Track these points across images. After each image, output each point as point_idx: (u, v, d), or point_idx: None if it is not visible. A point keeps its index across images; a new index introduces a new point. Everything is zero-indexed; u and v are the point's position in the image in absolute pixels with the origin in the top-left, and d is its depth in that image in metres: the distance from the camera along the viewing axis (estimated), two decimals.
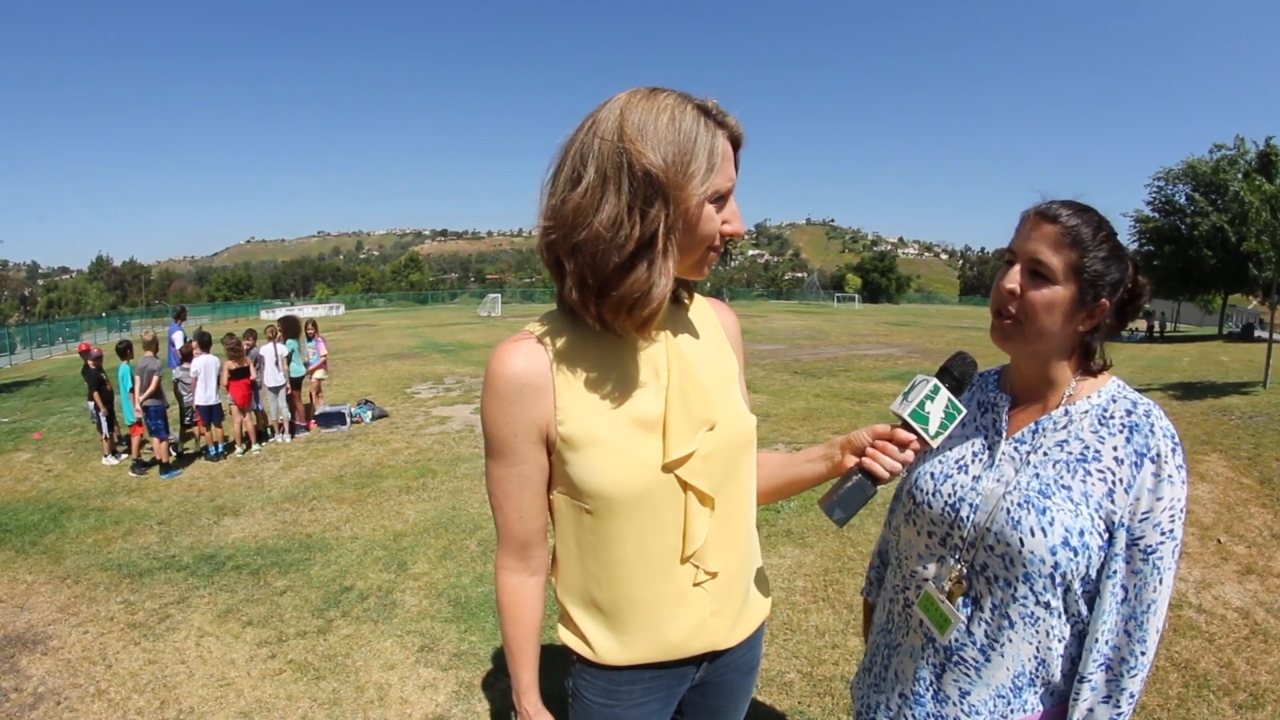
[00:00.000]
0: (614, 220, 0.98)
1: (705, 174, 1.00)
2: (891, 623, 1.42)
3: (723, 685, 1.32)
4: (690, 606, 1.19)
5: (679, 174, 0.98)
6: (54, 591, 4.76)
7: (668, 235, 1.00)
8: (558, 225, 1.03)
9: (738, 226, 1.10)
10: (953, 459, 1.34)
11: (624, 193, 0.98)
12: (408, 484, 6.90)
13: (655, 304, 1.03)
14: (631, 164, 0.97)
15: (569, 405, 1.09)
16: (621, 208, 0.98)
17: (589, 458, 1.09)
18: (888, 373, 14.80)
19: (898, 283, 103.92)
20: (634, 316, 1.04)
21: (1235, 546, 4.75)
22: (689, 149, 0.99)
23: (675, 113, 1.00)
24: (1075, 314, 1.18)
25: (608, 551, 1.14)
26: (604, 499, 1.10)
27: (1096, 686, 1.17)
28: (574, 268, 1.03)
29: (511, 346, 1.10)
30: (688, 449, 1.12)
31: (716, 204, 1.05)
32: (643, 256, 1.00)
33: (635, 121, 0.99)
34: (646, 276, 1.01)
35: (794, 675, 3.32)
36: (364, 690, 3.39)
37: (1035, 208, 1.20)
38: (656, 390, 1.13)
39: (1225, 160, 30.55)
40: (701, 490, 1.14)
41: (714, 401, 1.18)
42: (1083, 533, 1.13)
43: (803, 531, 5.16)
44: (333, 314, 52.11)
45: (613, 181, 0.98)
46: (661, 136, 0.98)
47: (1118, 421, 1.18)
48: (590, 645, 1.19)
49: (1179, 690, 3.17)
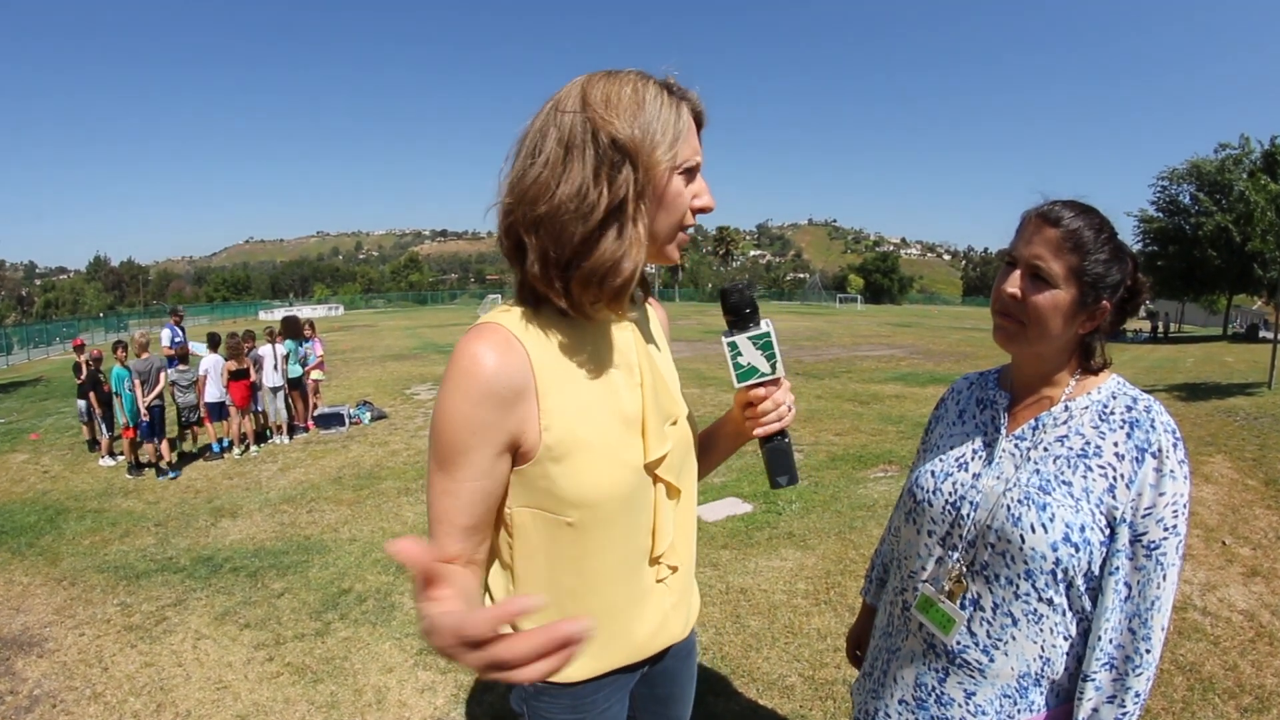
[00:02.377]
0: (580, 188, 0.94)
1: (671, 142, 0.99)
2: (891, 626, 1.41)
3: (666, 672, 1.30)
4: (654, 604, 1.17)
5: (645, 140, 0.96)
6: (50, 593, 4.75)
7: (638, 200, 0.97)
8: (517, 201, 0.98)
9: (708, 200, 1.07)
10: (953, 457, 1.34)
11: (589, 160, 0.95)
12: (406, 485, 6.88)
13: (627, 274, 0.98)
14: (597, 131, 0.95)
15: (554, 407, 1.00)
16: (588, 175, 0.94)
17: (577, 464, 1.01)
18: (890, 374, 14.78)
19: (900, 283, 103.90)
20: (605, 288, 0.98)
21: (1240, 548, 4.71)
22: (654, 117, 0.98)
23: (637, 85, 0.99)
24: (1076, 316, 1.17)
25: (587, 562, 1.07)
26: (592, 507, 1.03)
27: (1101, 686, 1.15)
28: (536, 243, 0.98)
29: (482, 342, 0.98)
30: (666, 447, 1.10)
31: (684, 176, 1.03)
32: (611, 223, 0.96)
33: (599, 92, 0.97)
34: (616, 244, 0.97)
35: (795, 679, 3.29)
36: (362, 693, 3.36)
37: (1036, 210, 1.19)
38: (632, 387, 1.11)
39: (1230, 160, 30.50)
40: (672, 484, 1.13)
41: (675, 397, 1.19)
42: (1083, 528, 1.12)
43: (804, 534, 5.13)
44: (332, 314, 52.20)
45: (577, 150, 0.95)
46: (625, 106, 0.97)
47: (1118, 417, 1.17)
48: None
49: (1184, 694, 3.14)
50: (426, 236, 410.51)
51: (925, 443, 1.49)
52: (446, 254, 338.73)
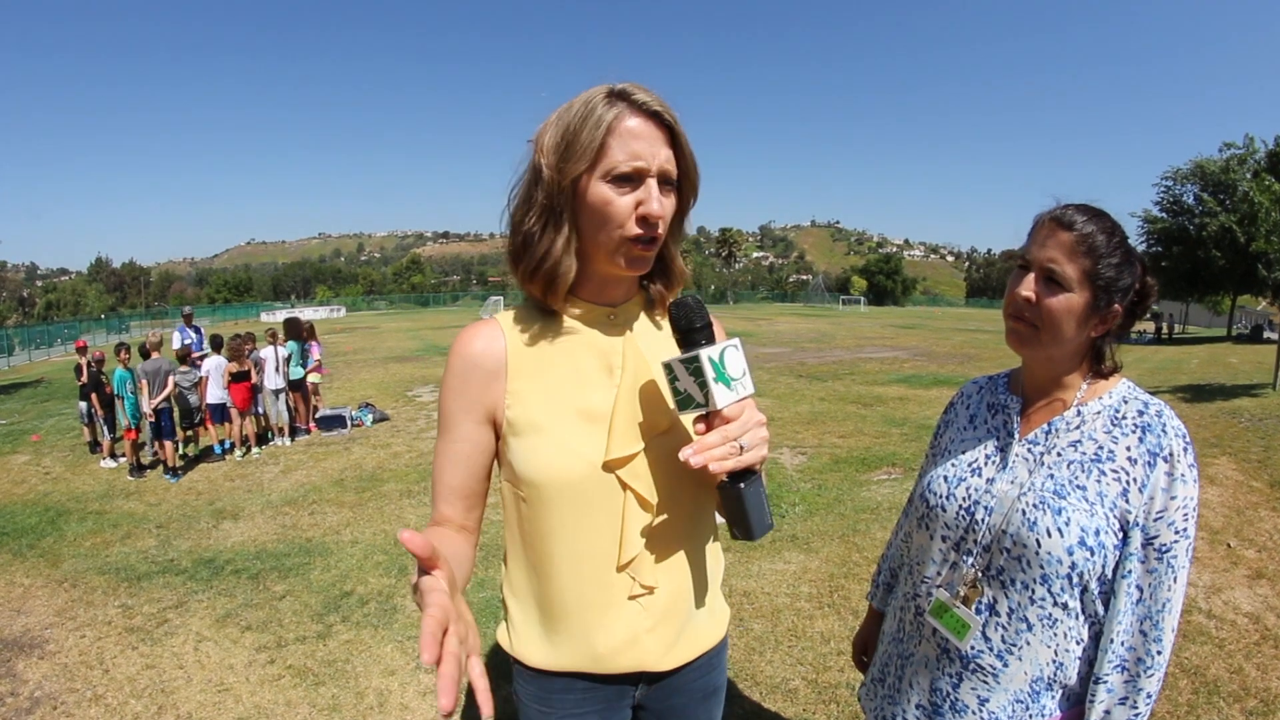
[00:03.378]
0: (522, 201, 1.12)
1: (592, 151, 1.02)
2: (903, 632, 1.40)
3: (675, 710, 1.27)
4: (622, 620, 1.15)
5: (557, 155, 1.04)
6: (51, 595, 4.74)
7: (549, 211, 1.08)
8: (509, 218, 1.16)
9: (650, 208, 1.03)
10: (965, 462, 1.34)
11: (525, 183, 1.11)
12: (409, 488, 6.87)
13: (548, 270, 1.10)
14: (532, 157, 1.09)
15: (518, 390, 1.13)
16: (525, 190, 1.11)
17: (528, 444, 1.12)
18: (894, 376, 14.76)
19: (903, 285, 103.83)
20: (536, 281, 1.12)
21: (1245, 551, 4.70)
22: (568, 128, 1.03)
23: (576, 101, 1.05)
24: (1089, 319, 1.18)
25: (541, 544, 1.14)
26: (536, 487, 1.11)
27: (1113, 688, 1.16)
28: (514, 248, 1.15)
29: (473, 330, 1.17)
30: (632, 449, 1.11)
31: (617, 184, 1.03)
32: (540, 230, 1.09)
33: (546, 122, 1.08)
34: (538, 245, 1.09)
35: (799, 683, 3.27)
36: (364, 696, 3.35)
37: (1050, 213, 1.20)
38: (608, 386, 1.14)
39: (1234, 160, 30.33)
40: (642, 495, 1.11)
41: (670, 408, 1.10)
42: (1098, 532, 1.13)
43: (808, 537, 5.12)
44: (334, 316, 52.22)
45: (525, 170, 1.12)
46: (551, 123, 1.07)
47: (1130, 422, 1.18)
48: (518, 643, 1.20)
49: (1189, 697, 3.12)
50: (429, 238, 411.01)
51: (935, 447, 1.48)
52: (449, 256, 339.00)
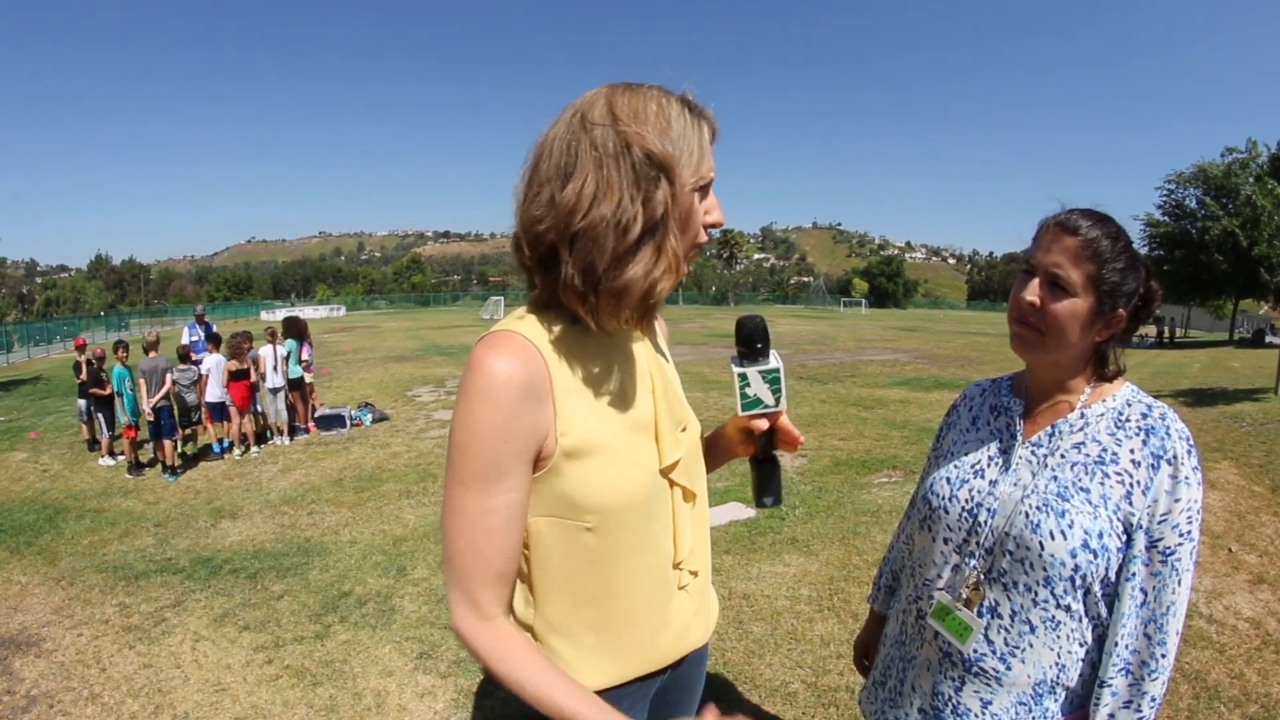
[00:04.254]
0: (618, 204, 0.93)
1: (696, 162, 1.00)
2: (905, 635, 1.40)
3: (681, 677, 1.29)
4: (677, 610, 1.16)
5: (675, 158, 0.97)
6: (49, 593, 4.73)
7: (670, 218, 0.97)
8: (553, 214, 0.95)
9: (718, 216, 1.08)
10: (968, 464, 1.33)
11: (625, 174, 0.93)
12: (408, 488, 6.86)
13: (660, 293, 0.99)
14: (630, 145, 0.94)
15: (570, 413, 0.99)
16: (625, 191, 0.93)
17: (593, 468, 1.00)
18: (894, 378, 14.75)
19: (905, 287, 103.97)
20: (640, 307, 1.01)
21: (1246, 555, 4.68)
22: (680, 135, 0.98)
23: (661, 102, 0.99)
24: (1093, 324, 1.18)
25: (609, 568, 1.05)
26: (609, 512, 1.02)
27: (1118, 691, 1.16)
28: (573, 256, 0.95)
29: (501, 346, 0.96)
30: (679, 452, 1.11)
31: (699, 193, 1.04)
32: (648, 241, 0.96)
33: (626, 107, 0.96)
34: (654, 262, 0.96)
35: (798, 685, 3.26)
36: (361, 697, 3.34)
37: (1054, 218, 1.20)
38: (645, 393, 1.11)
39: (1237, 164, 30.41)
40: (687, 488, 1.14)
41: (684, 403, 1.21)
42: (1102, 535, 1.13)
43: (808, 540, 5.10)
44: (334, 315, 52.20)
45: (613, 164, 0.93)
46: (654, 121, 0.96)
47: (1134, 424, 1.18)
48: (579, 676, 1.07)
49: (1189, 702, 3.11)
50: (429, 238, 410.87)
51: (937, 449, 1.48)
52: (449, 255, 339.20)
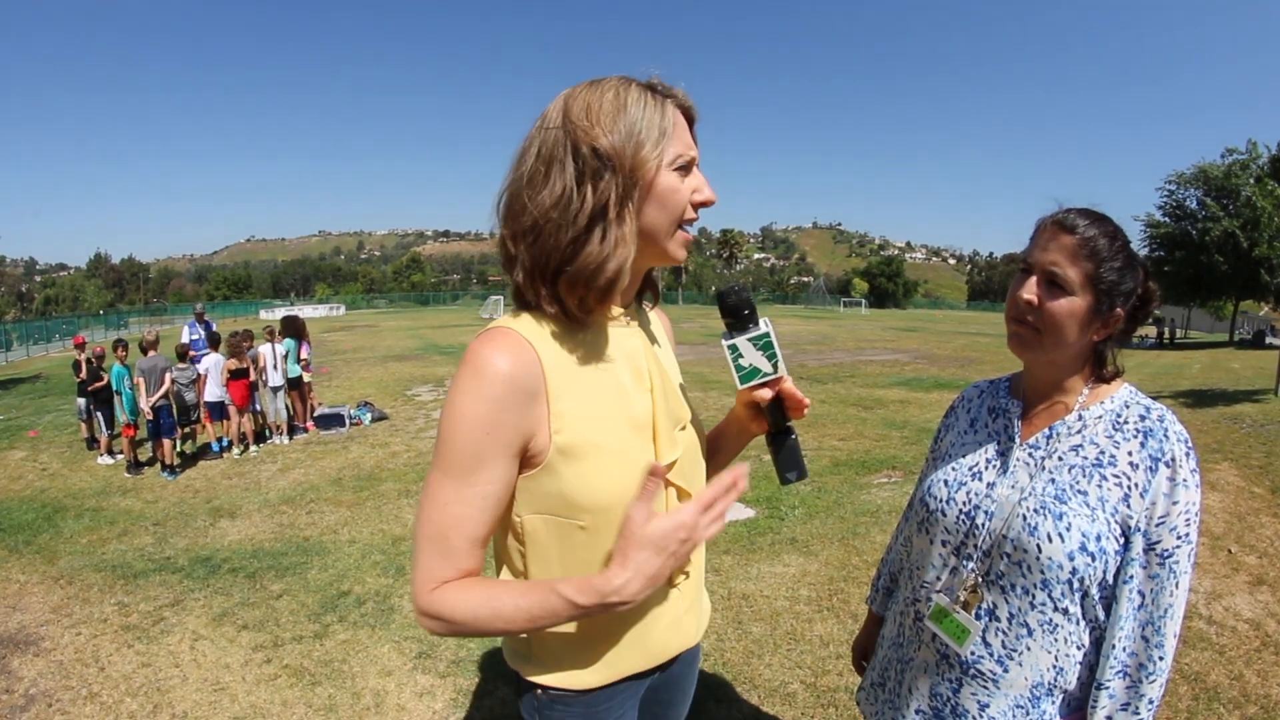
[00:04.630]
0: (561, 196, 0.98)
1: (658, 139, 1.00)
2: (903, 637, 1.40)
3: (672, 677, 1.29)
4: (669, 608, 1.16)
5: (628, 143, 0.99)
6: (47, 592, 4.73)
7: (621, 203, 0.99)
8: (505, 213, 1.04)
9: (708, 194, 1.08)
10: (966, 466, 1.33)
11: (569, 170, 0.98)
12: (407, 487, 6.85)
13: (611, 273, 1.00)
14: (577, 143, 0.98)
15: (565, 410, 1.00)
16: (569, 183, 0.98)
17: (589, 467, 1.01)
18: (894, 378, 14.75)
19: (905, 288, 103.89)
20: (591, 288, 1.00)
21: (1246, 557, 4.68)
22: (636, 118, 1.00)
23: (619, 90, 1.01)
24: (1091, 323, 1.18)
25: (601, 566, 1.03)
26: (604, 511, 1.01)
27: (1115, 694, 1.16)
28: (523, 251, 1.02)
29: (495, 343, 0.98)
30: (677, 452, 1.11)
31: (679, 173, 1.04)
32: (595, 226, 0.99)
33: (579, 105, 1.00)
34: (600, 246, 0.99)
35: (797, 686, 3.26)
36: (360, 696, 3.33)
37: (1052, 217, 1.20)
38: (642, 391, 1.11)
39: (1237, 165, 30.38)
40: (682, 488, 1.13)
41: (683, 402, 1.21)
42: (1099, 537, 1.13)
43: (807, 540, 5.10)
44: (333, 314, 52.12)
45: (558, 162, 0.99)
46: (607, 112, 0.99)
47: (1132, 426, 1.18)
48: (561, 676, 1.11)
49: (1188, 703, 3.11)
50: (429, 237, 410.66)
51: (935, 451, 1.47)
52: (449, 254, 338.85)
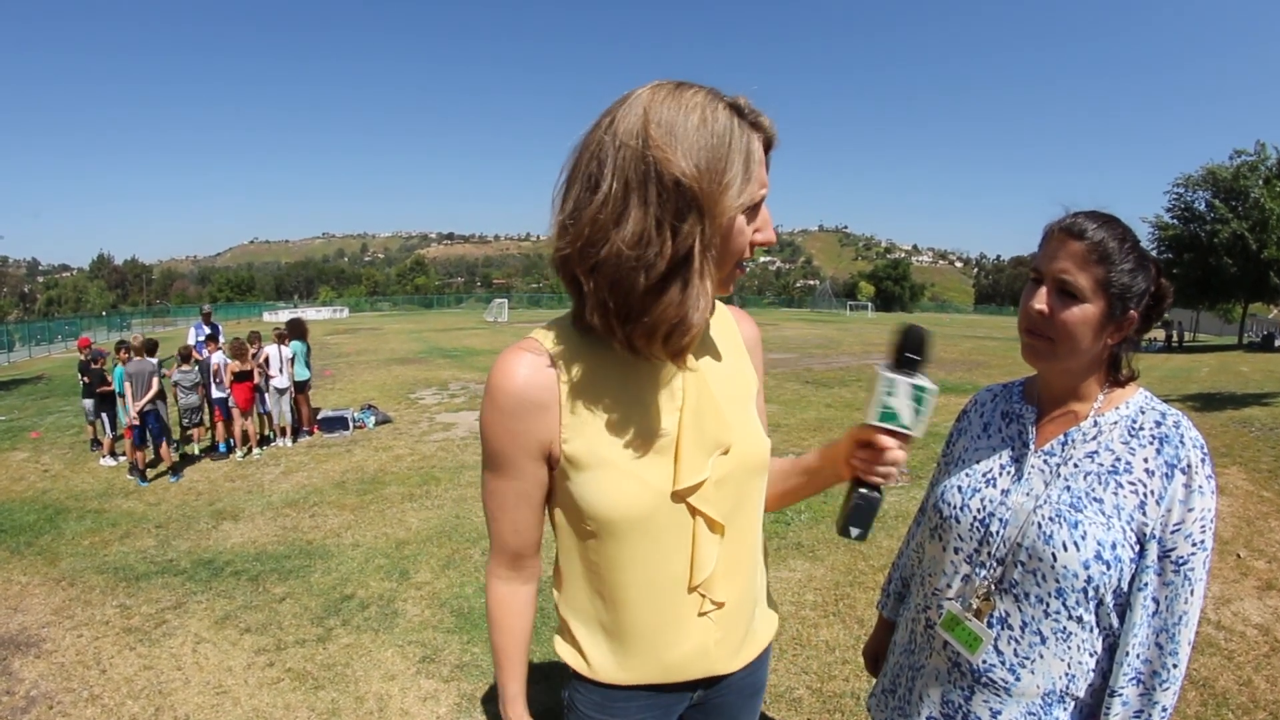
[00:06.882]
0: (640, 236, 0.86)
1: (742, 183, 0.90)
2: (914, 643, 1.38)
3: (724, 707, 1.26)
4: (693, 635, 1.12)
5: (713, 184, 0.87)
6: (49, 594, 4.72)
7: (704, 253, 0.89)
8: (573, 239, 0.90)
9: (769, 235, 0.99)
10: (979, 472, 1.31)
11: (651, 205, 0.86)
12: (410, 491, 6.84)
13: (694, 331, 0.93)
14: (660, 172, 0.85)
15: (574, 423, 1.02)
16: (649, 222, 0.86)
17: (592, 479, 1.02)
18: None
19: (911, 291, 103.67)
20: (670, 345, 0.94)
21: (1255, 561, 4.64)
22: (723, 154, 0.88)
23: (706, 113, 0.88)
24: (1105, 328, 1.16)
25: (611, 575, 1.08)
26: (606, 522, 1.03)
27: (1128, 701, 1.14)
28: (594, 288, 0.91)
29: (515, 357, 1.01)
30: (700, 476, 1.04)
31: (748, 214, 0.95)
32: (676, 278, 0.89)
33: (662, 122, 0.86)
34: (681, 300, 0.90)
35: (803, 691, 3.23)
36: (364, 701, 3.32)
37: (1059, 223, 1.18)
38: (670, 411, 1.05)
39: (1246, 166, 30.13)
40: (712, 518, 1.07)
41: (729, 423, 1.08)
42: (1115, 545, 1.11)
43: (813, 544, 5.07)
44: (337, 317, 52.19)
45: (636, 192, 0.86)
46: (693, 140, 0.86)
47: (1147, 433, 1.16)
48: (588, 661, 1.15)
49: (1197, 709, 3.08)
50: (433, 239, 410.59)
51: (947, 456, 1.45)
52: (453, 257, 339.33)
